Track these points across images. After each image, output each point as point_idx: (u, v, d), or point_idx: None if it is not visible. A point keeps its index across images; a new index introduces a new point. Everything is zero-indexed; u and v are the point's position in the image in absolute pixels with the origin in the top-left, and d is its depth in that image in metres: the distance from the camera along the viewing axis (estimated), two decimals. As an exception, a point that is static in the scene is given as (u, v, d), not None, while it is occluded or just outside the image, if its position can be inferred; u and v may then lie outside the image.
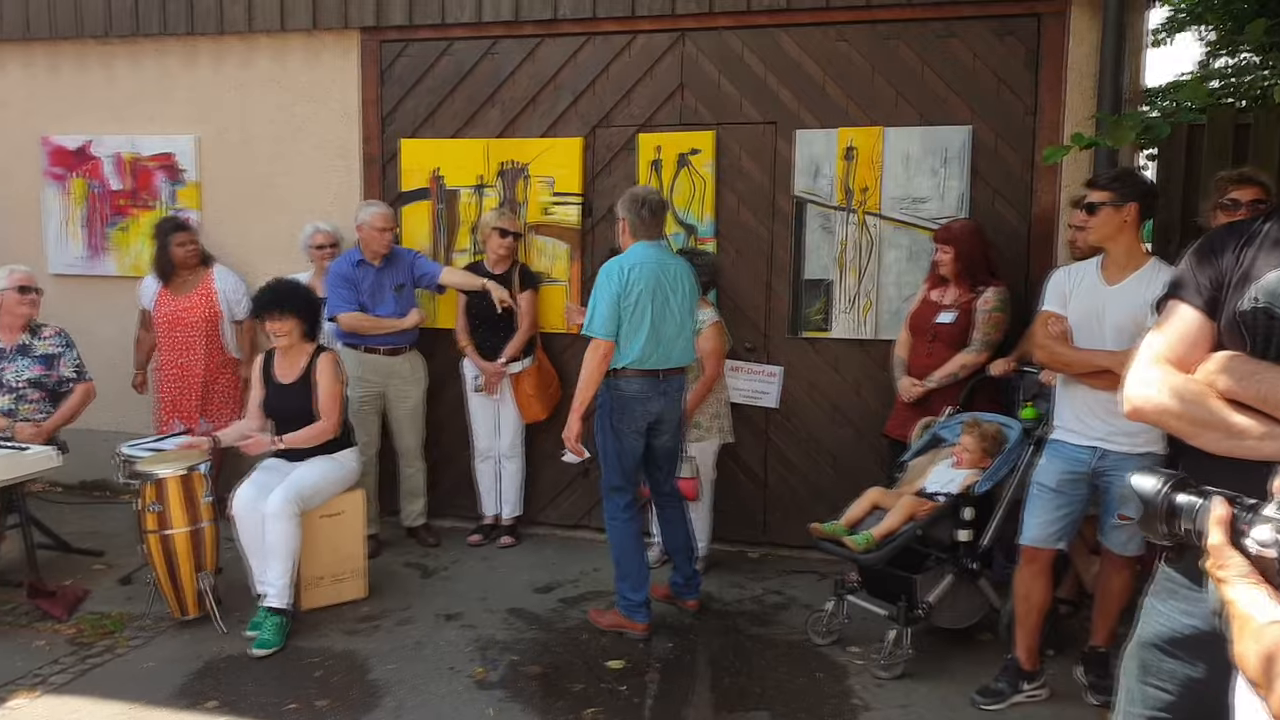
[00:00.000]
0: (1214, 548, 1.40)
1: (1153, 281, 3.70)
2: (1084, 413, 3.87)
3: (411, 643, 4.67)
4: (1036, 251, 5.39)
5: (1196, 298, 2.08)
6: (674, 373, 4.73)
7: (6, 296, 5.36)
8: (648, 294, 4.56)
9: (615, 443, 4.71)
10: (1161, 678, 2.13)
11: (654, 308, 4.58)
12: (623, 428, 4.67)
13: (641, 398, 4.64)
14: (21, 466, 4.80)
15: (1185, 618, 2.08)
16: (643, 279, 4.56)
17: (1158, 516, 1.57)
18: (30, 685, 4.20)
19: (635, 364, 4.60)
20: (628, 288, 4.54)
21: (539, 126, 6.04)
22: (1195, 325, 2.07)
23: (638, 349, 4.58)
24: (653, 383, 4.65)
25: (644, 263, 4.60)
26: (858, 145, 5.55)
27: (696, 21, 5.71)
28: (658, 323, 4.60)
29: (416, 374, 5.96)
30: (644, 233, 4.68)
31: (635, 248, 4.68)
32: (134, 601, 5.04)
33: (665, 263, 4.67)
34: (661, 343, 4.63)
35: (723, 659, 4.53)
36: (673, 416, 4.77)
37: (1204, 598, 1.95)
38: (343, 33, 6.24)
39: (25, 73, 6.91)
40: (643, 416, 4.67)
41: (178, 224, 6.20)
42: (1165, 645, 2.12)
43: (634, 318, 4.56)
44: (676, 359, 4.71)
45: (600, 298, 4.57)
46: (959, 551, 4.38)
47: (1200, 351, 2.04)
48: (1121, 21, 5.00)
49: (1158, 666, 2.14)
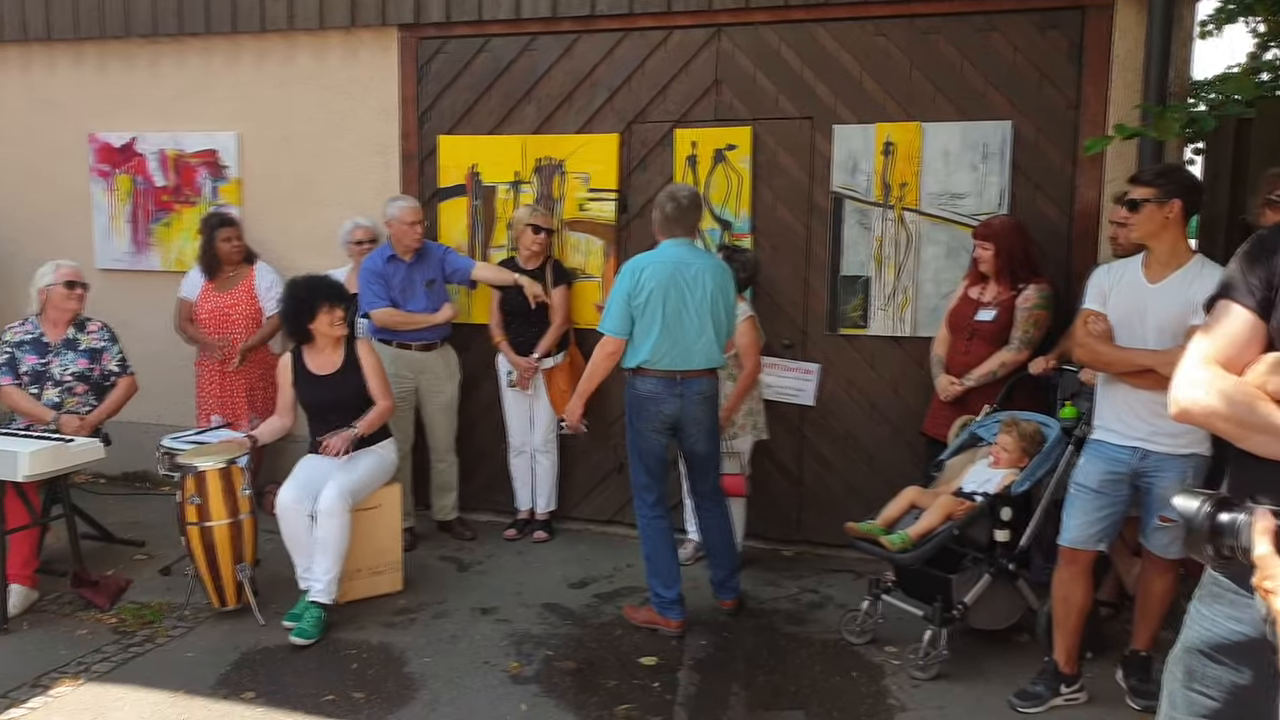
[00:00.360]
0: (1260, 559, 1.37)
1: (1196, 280, 3.64)
2: (1125, 412, 3.81)
3: (447, 636, 4.70)
4: (1078, 248, 5.32)
5: (1248, 298, 2.04)
6: (695, 375, 4.66)
7: (54, 291, 5.44)
8: (659, 294, 4.53)
9: (636, 441, 4.72)
10: (1206, 684, 2.10)
11: (666, 308, 4.55)
12: (640, 426, 4.68)
13: (654, 398, 4.62)
14: (67, 458, 4.86)
15: (1232, 623, 2.04)
16: (655, 278, 4.54)
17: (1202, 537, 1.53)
18: (74, 673, 4.27)
19: (649, 364, 4.59)
20: (639, 287, 4.53)
21: (575, 122, 6.05)
22: (1245, 326, 2.03)
23: (649, 349, 4.57)
24: (668, 384, 4.61)
25: (660, 262, 4.58)
26: (896, 141, 5.50)
27: (733, 16, 5.69)
28: (671, 323, 4.56)
29: (450, 369, 5.97)
30: (672, 230, 4.67)
31: (661, 246, 4.67)
32: (174, 592, 5.11)
33: (686, 262, 4.61)
34: (677, 343, 4.58)
35: (757, 657, 4.52)
36: (699, 419, 4.70)
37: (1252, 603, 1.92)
38: (381, 30, 6.28)
39: (75, 72, 7.02)
40: (656, 417, 4.64)
41: (224, 219, 6.26)
42: (1211, 651, 2.09)
43: (645, 317, 4.55)
44: (698, 361, 4.63)
45: (613, 296, 4.60)
46: (996, 552, 4.33)
47: (1251, 353, 2.00)
48: (1169, 13, 4.89)
49: (1203, 672, 2.11)
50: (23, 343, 5.44)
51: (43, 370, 5.42)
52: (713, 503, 4.92)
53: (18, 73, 7.13)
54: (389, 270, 5.72)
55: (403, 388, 5.75)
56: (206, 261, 6.21)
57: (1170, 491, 3.70)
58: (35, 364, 5.41)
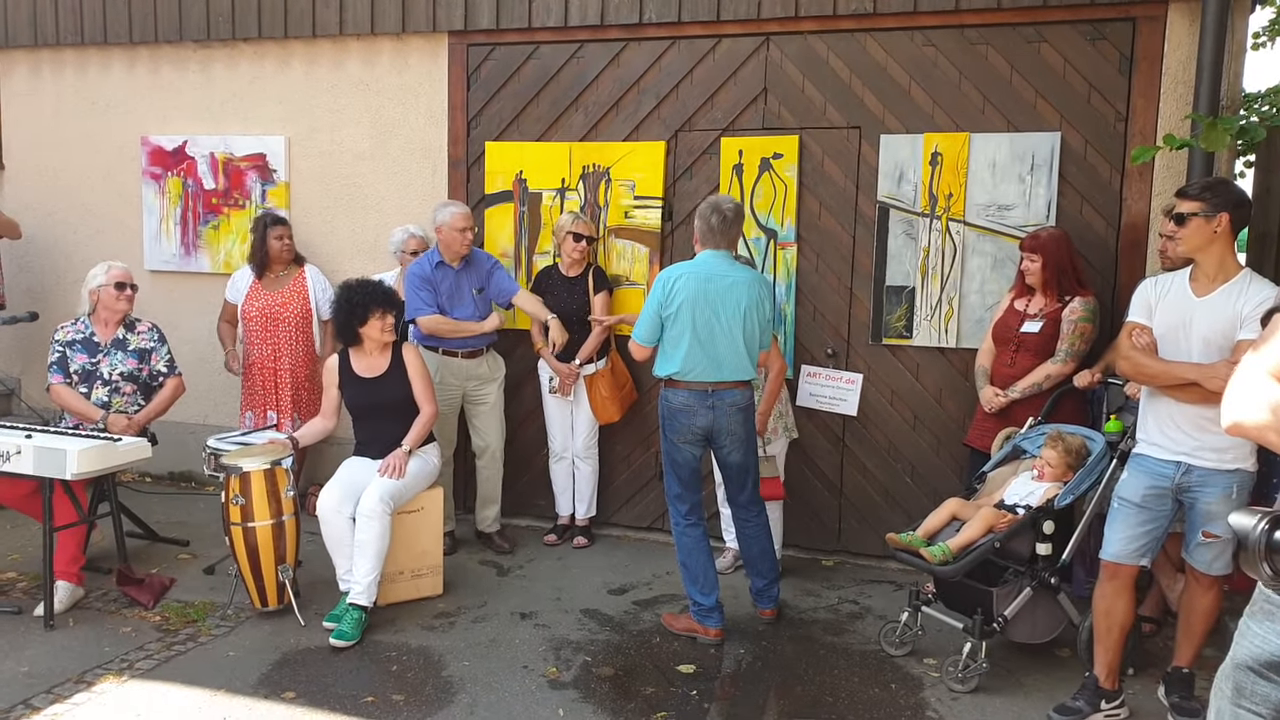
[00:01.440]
0: None
1: (1243, 294, 3.60)
2: (1168, 426, 3.77)
3: (486, 640, 4.72)
4: (1126, 261, 5.26)
5: None
6: (727, 386, 4.63)
7: (105, 293, 5.52)
8: (689, 305, 4.53)
9: (670, 452, 4.73)
10: (1255, 701, 2.07)
11: (697, 320, 4.54)
12: (673, 438, 4.69)
13: (686, 410, 4.62)
14: (114, 457, 4.92)
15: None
16: (685, 289, 4.54)
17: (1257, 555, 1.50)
18: (118, 670, 4.33)
19: (680, 375, 4.59)
20: (670, 297, 4.55)
21: (622, 130, 6.07)
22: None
23: (679, 360, 4.57)
24: (700, 396, 4.60)
25: (693, 273, 4.58)
26: (943, 151, 5.48)
27: (781, 25, 5.69)
28: (702, 335, 4.55)
29: (495, 373, 5.94)
30: (711, 241, 4.66)
31: (699, 256, 4.67)
32: (217, 591, 5.17)
33: (721, 274, 4.59)
34: (708, 355, 4.57)
35: (795, 667, 4.50)
36: (733, 430, 4.67)
37: None
38: (430, 36, 6.34)
39: (128, 75, 7.14)
40: (688, 429, 4.64)
41: (276, 218, 6.35)
42: (1261, 668, 2.06)
43: (675, 327, 4.56)
44: (729, 373, 4.61)
45: (646, 305, 4.63)
46: (1038, 565, 4.29)
47: None
48: (1222, 24, 4.83)
49: (1252, 689, 2.08)
50: (74, 342, 5.52)
51: (92, 369, 5.50)
52: (751, 512, 4.91)
53: (73, 76, 7.26)
54: (437, 276, 5.70)
55: (448, 394, 5.75)
56: (258, 259, 6.29)
57: (1215, 507, 3.66)
58: (85, 363, 5.50)
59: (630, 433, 6.16)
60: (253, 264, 6.33)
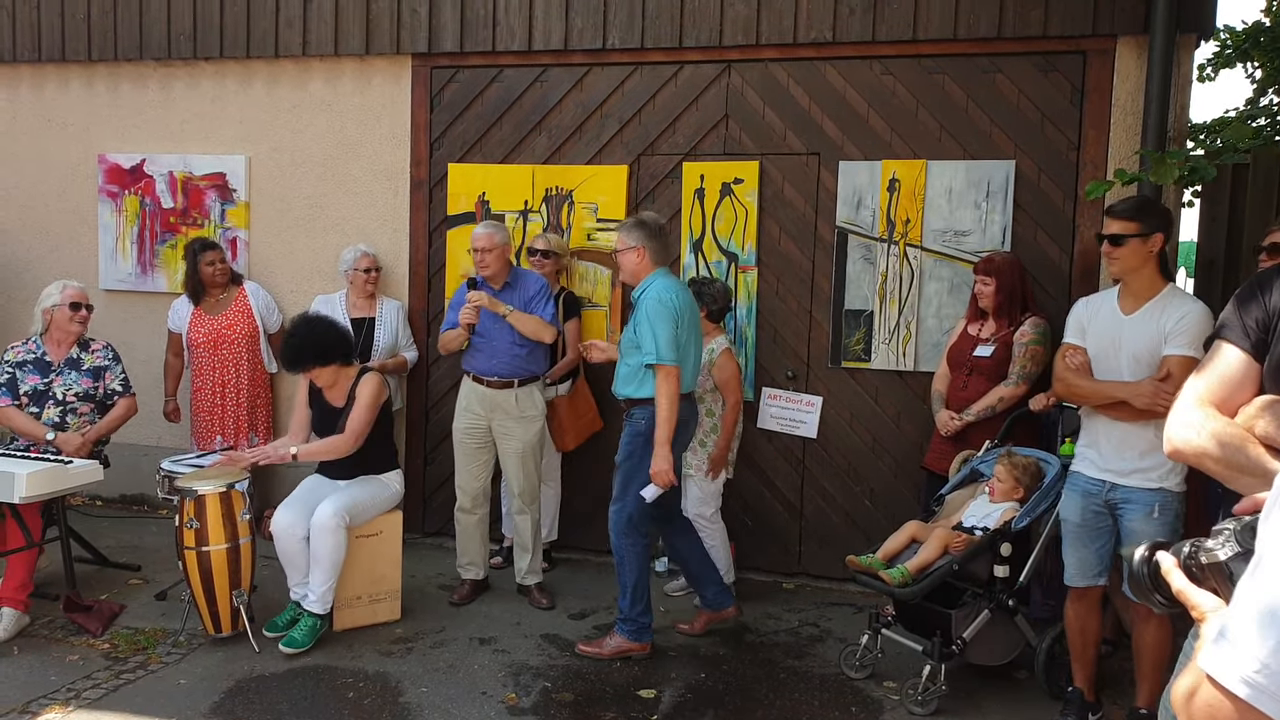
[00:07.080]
0: (1179, 594, 1.35)
1: (1165, 310, 3.69)
2: (1100, 443, 3.86)
3: (445, 666, 4.68)
4: (1079, 287, 5.34)
5: (1243, 340, 2.06)
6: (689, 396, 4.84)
7: (59, 313, 5.43)
8: (688, 319, 4.66)
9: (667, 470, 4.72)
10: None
11: (694, 333, 4.72)
12: (675, 450, 4.71)
13: (686, 422, 4.74)
14: (65, 480, 4.84)
15: None
16: (686, 307, 4.66)
17: (1145, 585, 1.50)
18: (64, 700, 4.23)
19: (685, 389, 4.70)
20: (679, 315, 4.60)
21: (585, 154, 6.09)
22: (1240, 367, 2.05)
23: (688, 375, 4.69)
24: (692, 406, 4.83)
25: (679, 290, 4.70)
26: (901, 177, 5.55)
27: (742, 53, 5.75)
28: (694, 347, 4.74)
29: (525, 412, 5.41)
30: (663, 258, 4.78)
31: (659, 276, 4.70)
32: (169, 617, 5.07)
33: (684, 288, 4.81)
34: (691, 366, 4.75)
35: (756, 690, 4.50)
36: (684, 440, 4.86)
37: None
38: (395, 58, 6.33)
39: (87, 92, 7.06)
40: (683, 441, 4.78)
41: (206, 244, 6.32)
42: None
43: (684, 345, 4.64)
44: (692, 382, 4.83)
45: (661, 326, 4.52)
46: (996, 587, 4.33)
47: (1244, 394, 2.03)
48: (1169, 58, 4.97)
49: None
50: (24, 363, 5.43)
51: (44, 390, 5.40)
52: (684, 523, 5.05)
53: (30, 93, 7.17)
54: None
55: (472, 424, 5.45)
56: (191, 287, 6.27)
57: (1137, 525, 3.73)
58: (37, 384, 5.39)
59: (589, 458, 6.11)
60: (188, 292, 6.29)
